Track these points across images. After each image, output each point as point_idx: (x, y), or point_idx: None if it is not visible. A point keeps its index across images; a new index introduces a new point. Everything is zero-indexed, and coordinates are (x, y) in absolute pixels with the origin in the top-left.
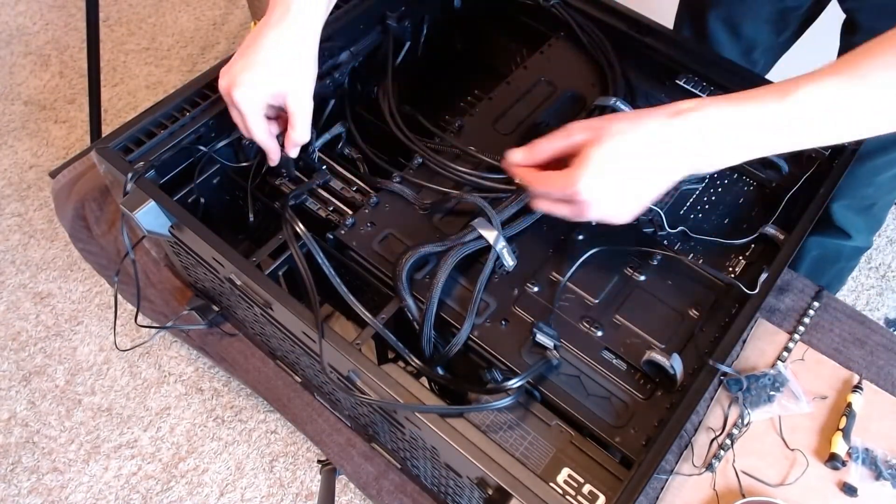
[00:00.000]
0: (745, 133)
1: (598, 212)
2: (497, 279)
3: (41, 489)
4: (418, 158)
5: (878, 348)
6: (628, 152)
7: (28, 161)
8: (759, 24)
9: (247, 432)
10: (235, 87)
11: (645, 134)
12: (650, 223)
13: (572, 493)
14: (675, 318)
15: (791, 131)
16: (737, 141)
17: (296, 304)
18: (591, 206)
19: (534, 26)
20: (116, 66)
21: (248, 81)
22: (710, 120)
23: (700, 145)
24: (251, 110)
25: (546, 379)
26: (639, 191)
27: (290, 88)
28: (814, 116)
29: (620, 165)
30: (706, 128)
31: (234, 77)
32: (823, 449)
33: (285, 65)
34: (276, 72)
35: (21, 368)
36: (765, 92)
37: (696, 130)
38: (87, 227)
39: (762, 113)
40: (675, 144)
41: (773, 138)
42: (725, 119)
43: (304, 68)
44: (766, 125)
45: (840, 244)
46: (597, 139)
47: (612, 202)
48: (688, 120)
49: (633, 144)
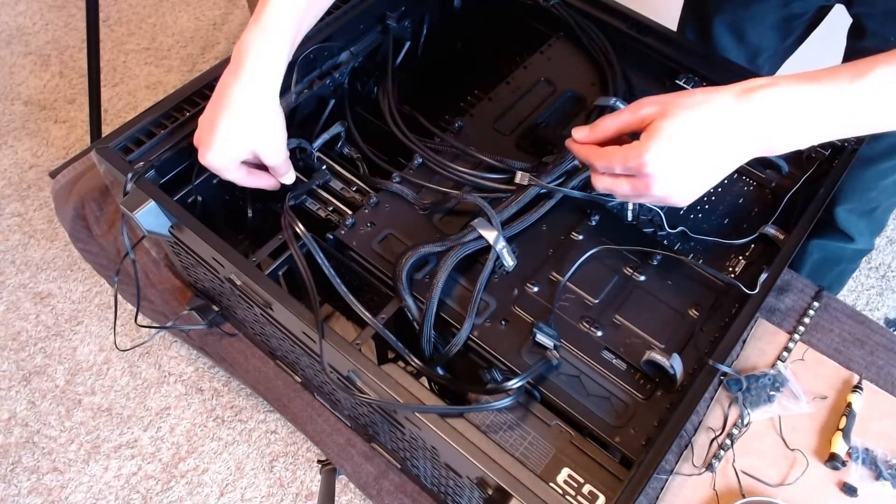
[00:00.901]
0: (815, 113)
1: (662, 188)
2: (497, 279)
3: (41, 489)
4: (418, 158)
5: (878, 348)
6: (698, 127)
7: (28, 161)
8: (764, 29)
9: (247, 432)
10: (205, 151)
11: (716, 109)
12: (650, 223)
13: (572, 493)
14: (675, 318)
15: (862, 113)
16: (807, 121)
17: (296, 304)
18: (656, 181)
19: (534, 26)
20: (116, 66)
21: (215, 146)
22: (781, 98)
23: (770, 124)
24: (223, 169)
25: (546, 379)
26: (706, 169)
27: (259, 147)
28: (886, 100)
29: (690, 140)
30: (777, 106)
31: (200, 142)
32: (823, 449)
33: (249, 130)
34: (242, 135)
35: (21, 368)
36: (838, 72)
37: (766, 109)
38: (87, 227)
39: (833, 93)
40: (746, 122)
41: (844, 120)
42: (796, 98)
43: (268, 124)
44: (837, 106)
45: (842, 247)
46: (667, 112)
47: (677, 178)
48: (759, 97)
49: (704, 119)
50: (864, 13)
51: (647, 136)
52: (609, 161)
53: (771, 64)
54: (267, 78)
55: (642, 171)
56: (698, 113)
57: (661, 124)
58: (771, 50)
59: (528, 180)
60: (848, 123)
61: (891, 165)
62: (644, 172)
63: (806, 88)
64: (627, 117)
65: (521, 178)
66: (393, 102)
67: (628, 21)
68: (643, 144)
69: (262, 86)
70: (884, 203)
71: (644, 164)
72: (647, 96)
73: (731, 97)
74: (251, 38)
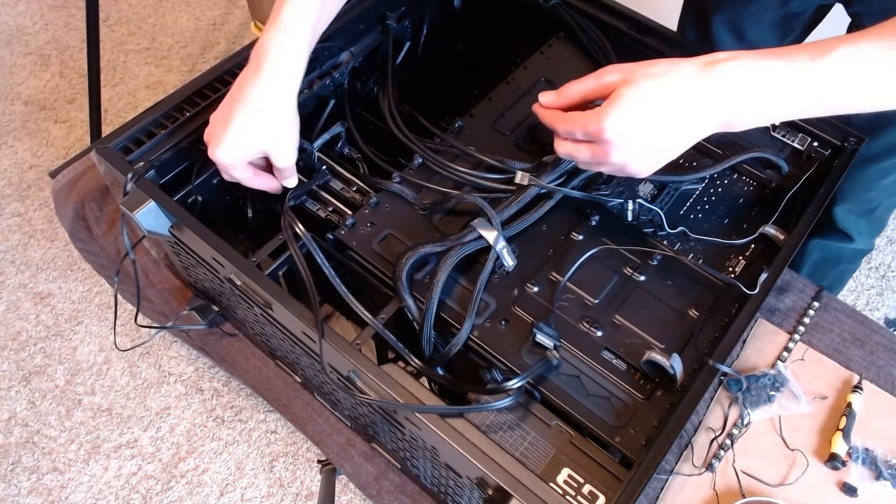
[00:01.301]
0: (775, 89)
1: (621, 155)
2: (497, 279)
3: (41, 489)
4: (418, 158)
5: (878, 348)
6: (660, 96)
7: (28, 161)
8: (763, 28)
9: (247, 432)
10: (216, 146)
11: (678, 80)
12: (650, 223)
13: (572, 494)
14: (675, 318)
15: (822, 92)
16: (766, 96)
17: (296, 304)
18: (615, 148)
19: (534, 26)
20: (116, 66)
21: (227, 141)
22: (742, 71)
23: (730, 97)
24: (230, 166)
25: (546, 379)
26: (665, 138)
27: (272, 146)
28: (846, 80)
29: (650, 108)
30: (737, 80)
31: (212, 136)
32: (823, 449)
33: (264, 128)
34: (257, 132)
35: (21, 368)
36: (801, 50)
37: (727, 82)
38: (87, 227)
39: (794, 69)
40: (706, 94)
41: (804, 97)
42: (757, 72)
43: (284, 124)
44: (796, 83)
45: (842, 247)
46: (630, 80)
47: (636, 146)
48: (720, 70)
49: (666, 89)
50: (863, 12)
51: (608, 103)
52: (570, 126)
53: None
54: (286, 77)
55: (601, 136)
56: (660, 83)
57: (623, 91)
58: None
59: (528, 180)
60: (808, 102)
61: (891, 164)
62: (603, 138)
63: (767, 64)
64: (592, 83)
65: (521, 178)
66: (393, 102)
67: (628, 21)
68: (603, 110)
69: (282, 84)
70: (884, 202)
71: (603, 129)
72: (613, 64)
73: (695, 68)
74: (270, 39)
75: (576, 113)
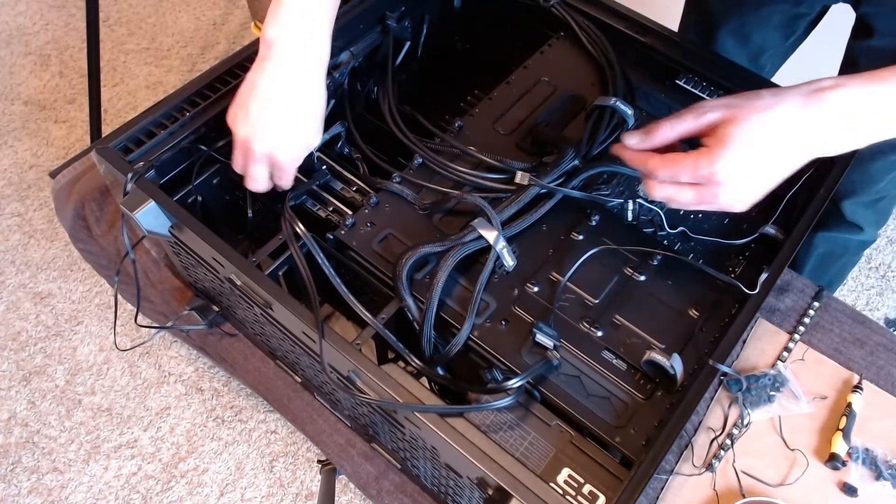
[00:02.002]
0: (879, 114)
1: (729, 196)
2: (497, 279)
3: (41, 489)
4: (418, 158)
5: (878, 348)
6: (769, 133)
7: (28, 161)
8: (768, 30)
9: (247, 432)
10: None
11: (785, 112)
12: (650, 223)
13: (572, 493)
14: (675, 318)
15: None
16: (871, 122)
17: (296, 304)
18: (724, 189)
19: (534, 26)
20: (116, 66)
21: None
22: (848, 100)
23: (836, 127)
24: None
25: (546, 379)
26: (772, 175)
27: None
28: None
29: (761, 147)
30: (844, 109)
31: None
32: (823, 449)
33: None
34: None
35: (21, 368)
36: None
37: (834, 111)
38: (87, 227)
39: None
40: (813, 125)
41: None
42: (863, 100)
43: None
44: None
45: (847, 238)
46: (736, 118)
47: (745, 185)
48: (828, 100)
49: (774, 124)
50: (872, 12)
51: (719, 145)
52: (675, 170)
53: (773, 63)
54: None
55: (713, 179)
56: (767, 118)
57: (731, 131)
58: (773, 49)
59: (528, 180)
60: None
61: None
62: (714, 181)
63: (872, 89)
64: (690, 124)
65: (521, 178)
66: (393, 102)
67: (628, 21)
68: (714, 153)
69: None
70: (890, 192)
71: (715, 172)
72: (705, 100)
73: (800, 99)
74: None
75: (679, 155)
